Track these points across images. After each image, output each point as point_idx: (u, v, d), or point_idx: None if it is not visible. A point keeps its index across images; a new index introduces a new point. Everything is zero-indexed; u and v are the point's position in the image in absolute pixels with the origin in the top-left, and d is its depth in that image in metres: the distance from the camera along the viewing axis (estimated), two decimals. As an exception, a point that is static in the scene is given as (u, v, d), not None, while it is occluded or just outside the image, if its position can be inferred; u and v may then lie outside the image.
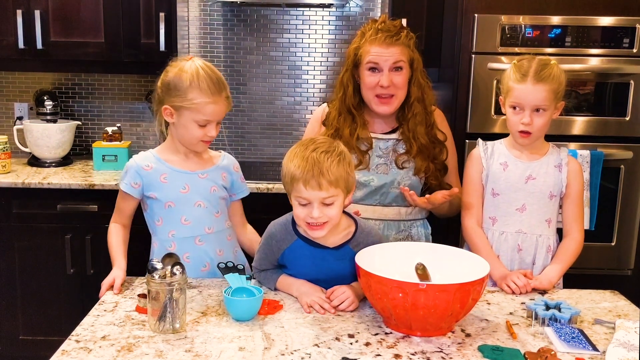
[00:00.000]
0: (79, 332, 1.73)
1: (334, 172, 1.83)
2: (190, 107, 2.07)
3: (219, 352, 1.63)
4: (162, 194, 2.17)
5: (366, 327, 1.80)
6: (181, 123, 2.11)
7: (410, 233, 2.46)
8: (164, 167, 2.18)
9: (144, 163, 2.17)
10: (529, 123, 2.14)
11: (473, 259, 1.91)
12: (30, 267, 3.24)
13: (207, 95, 2.07)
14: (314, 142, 1.90)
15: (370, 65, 2.33)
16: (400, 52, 2.32)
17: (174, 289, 1.73)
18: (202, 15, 3.65)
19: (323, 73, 3.73)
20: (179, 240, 2.19)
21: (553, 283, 2.14)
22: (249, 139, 3.77)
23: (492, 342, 1.72)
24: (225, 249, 2.25)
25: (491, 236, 2.28)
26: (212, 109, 2.08)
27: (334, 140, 1.95)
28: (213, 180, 2.21)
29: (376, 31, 2.33)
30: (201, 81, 2.07)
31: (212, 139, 2.15)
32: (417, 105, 2.38)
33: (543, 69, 2.14)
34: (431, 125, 2.42)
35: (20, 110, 3.75)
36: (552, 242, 2.26)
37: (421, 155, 2.38)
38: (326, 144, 1.89)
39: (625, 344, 1.68)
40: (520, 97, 2.15)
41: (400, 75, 2.33)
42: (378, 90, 2.34)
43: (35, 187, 3.16)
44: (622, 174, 2.99)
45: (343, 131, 2.39)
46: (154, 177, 2.16)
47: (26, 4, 3.29)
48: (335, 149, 1.88)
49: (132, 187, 2.17)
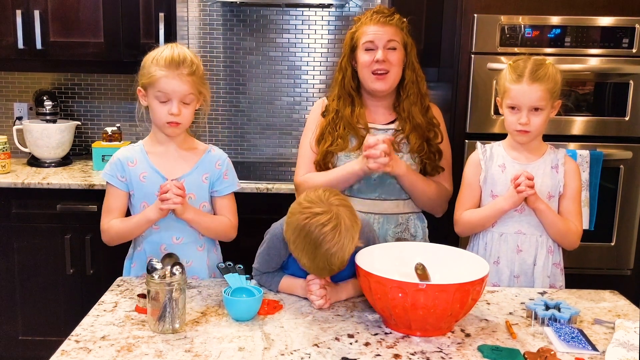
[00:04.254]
0: (78, 332, 1.73)
1: (342, 259, 1.79)
2: (149, 82, 2.11)
3: (218, 352, 1.63)
4: (139, 193, 2.19)
5: (366, 327, 1.80)
6: (149, 103, 2.15)
7: (407, 226, 2.47)
8: (145, 165, 2.18)
9: (130, 158, 2.19)
10: (526, 123, 2.16)
11: (472, 259, 1.91)
12: (30, 267, 3.23)
13: (162, 69, 2.09)
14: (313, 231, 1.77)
15: (366, 46, 2.39)
16: (394, 32, 2.39)
17: (174, 289, 1.73)
18: (202, 16, 3.65)
19: (322, 73, 3.73)
20: (149, 243, 2.20)
21: (536, 204, 2.18)
22: (249, 139, 3.77)
23: (492, 342, 1.72)
24: (196, 260, 2.22)
25: (490, 237, 2.28)
26: (166, 82, 2.09)
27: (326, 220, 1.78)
28: (191, 187, 2.18)
29: (371, 13, 2.43)
30: (160, 57, 2.11)
31: (179, 120, 2.12)
32: (411, 87, 2.44)
33: (538, 69, 2.16)
34: (426, 108, 2.46)
35: (20, 111, 3.75)
36: (552, 243, 2.26)
37: (415, 133, 2.41)
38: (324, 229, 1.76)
39: (624, 343, 1.68)
40: (517, 97, 2.16)
41: (394, 54, 2.39)
42: (374, 67, 2.38)
43: (35, 187, 3.16)
44: (622, 174, 2.98)
45: (344, 112, 2.43)
46: (135, 175, 2.18)
47: (26, 4, 3.29)
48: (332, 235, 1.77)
49: (119, 179, 2.18)
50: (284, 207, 2.05)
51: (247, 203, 2.41)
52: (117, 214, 2.19)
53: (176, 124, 2.13)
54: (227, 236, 2.28)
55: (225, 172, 2.26)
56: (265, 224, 2.07)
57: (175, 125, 2.14)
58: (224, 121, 3.75)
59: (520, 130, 2.19)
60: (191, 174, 2.20)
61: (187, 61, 2.11)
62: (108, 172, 2.19)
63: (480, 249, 2.30)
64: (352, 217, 1.80)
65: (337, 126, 2.43)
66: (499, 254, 2.27)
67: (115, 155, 2.21)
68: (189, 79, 2.11)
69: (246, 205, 2.38)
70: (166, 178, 2.15)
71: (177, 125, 2.14)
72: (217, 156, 2.27)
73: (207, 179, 2.22)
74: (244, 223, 2.36)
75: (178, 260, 1.83)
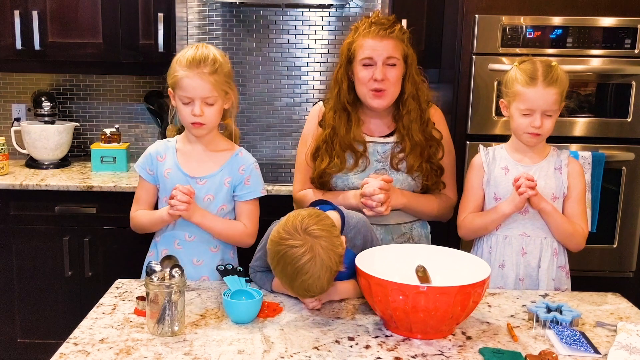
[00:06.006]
0: (77, 335, 1.72)
1: (321, 286, 1.79)
2: (173, 82, 2.13)
3: (218, 355, 1.62)
4: (163, 187, 2.23)
5: (366, 329, 1.79)
6: (176, 104, 2.16)
7: (411, 235, 2.44)
8: (171, 162, 2.21)
9: (160, 153, 2.24)
10: (540, 126, 2.14)
11: (473, 261, 1.90)
12: (28, 270, 3.22)
13: (183, 68, 2.10)
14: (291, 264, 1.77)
15: (364, 62, 2.30)
16: (393, 46, 2.30)
17: (173, 292, 1.72)
18: (201, 16, 3.64)
19: (322, 74, 3.72)
20: (165, 237, 2.25)
21: (541, 206, 2.16)
22: (248, 140, 3.76)
23: (493, 344, 1.71)
24: (207, 260, 2.22)
25: (495, 240, 2.27)
26: (187, 82, 2.09)
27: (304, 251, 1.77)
28: (211, 189, 2.20)
29: (369, 24, 2.31)
30: (183, 57, 2.12)
31: (203, 121, 2.12)
32: (411, 102, 2.36)
33: (550, 71, 2.13)
34: (426, 123, 2.40)
35: (18, 112, 3.74)
36: (557, 245, 2.25)
37: (414, 152, 2.36)
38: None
39: (627, 346, 1.68)
40: (532, 101, 2.13)
41: (393, 71, 2.31)
42: (372, 85, 2.30)
43: (33, 188, 3.15)
44: (624, 175, 2.97)
45: (339, 129, 2.37)
46: (161, 169, 2.22)
47: (24, 4, 3.28)
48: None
49: (148, 173, 2.23)
50: (283, 209, 2.04)
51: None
52: (144, 205, 2.27)
53: (200, 124, 2.14)
54: (242, 242, 2.26)
55: (248, 177, 2.24)
56: (265, 225, 2.06)
57: (199, 125, 2.14)
58: (224, 122, 3.73)
59: (532, 133, 2.17)
60: (215, 176, 2.21)
61: (209, 60, 2.10)
62: (140, 164, 2.26)
63: (485, 253, 2.29)
64: (329, 247, 1.77)
65: (334, 144, 2.37)
66: (503, 257, 2.25)
67: (149, 148, 2.28)
68: (211, 78, 2.10)
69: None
70: (188, 176, 2.19)
71: (201, 125, 2.14)
72: (243, 161, 2.25)
73: (230, 183, 2.22)
74: (244, 225, 2.35)
75: (177, 262, 1.82)
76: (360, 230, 2.02)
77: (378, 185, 2.21)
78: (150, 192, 2.26)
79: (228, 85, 2.17)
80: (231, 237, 2.23)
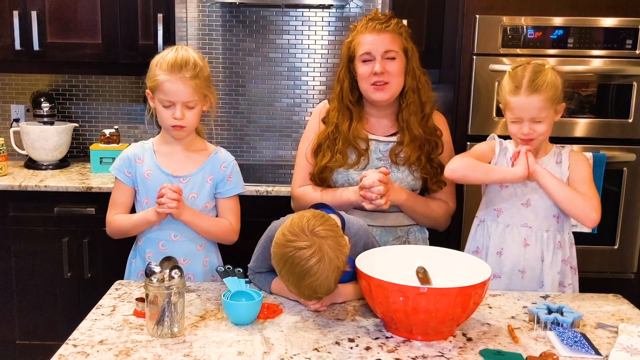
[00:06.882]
0: (76, 337, 1.71)
1: (328, 287, 1.78)
2: (154, 85, 2.14)
3: (217, 356, 1.62)
4: (142, 189, 2.23)
5: (366, 331, 1.79)
6: (156, 106, 2.18)
7: (408, 239, 2.44)
8: (151, 163, 2.22)
9: (138, 155, 2.24)
10: (528, 133, 2.14)
11: (474, 262, 1.90)
12: (27, 271, 3.22)
13: (165, 72, 2.11)
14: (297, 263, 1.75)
15: (364, 57, 2.33)
16: (391, 39, 2.32)
17: (172, 293, 1.71)
18: (201, 16, 3.64)
19: (323, 74, 3.72)
20: (148, 239, 2.25)
21: (537, 171, 2.14)
22: (248, 141, 3.76)
23: (494, 346, 1.71)
24: (193, 259, 2.24)
25: (496, 228, 2.26)
26: (169, 87, 2.11)
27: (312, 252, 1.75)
28: (194, 187, 2.23)
29: (367, 21, 2.36)
30: (163, 61, 2.13)
31: (183, 124, 2.15)
32: (411, 95, 2.37)
33: (536, 78, 2.12)
34: (426, 117, 2.41)
35: (17, 112, 3.74)
36: (562, 238, 2.23)
37: (412, 145, 2.37)
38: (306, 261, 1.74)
39: (628, 348, 1.68)
40: (516, 110, 2.15)
41: (393, 64, 2.33)
42: (373, 79, 2.33)
43: (32, 189, 3.14)
44: (625, 176, 2.97)
45: (342, 127, 2.39)
46: (140, 171, 2.22)
47: (23, 5, 3.28)
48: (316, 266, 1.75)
49: (126, 175, 2.23)
50: (283, 210, 2.04)
51: (247, 206, 2.40)
52: (121, 208, 2.26)
53: (180, 127, 2.17)
54: (227, 239, 2.30)
55: (230, 174, 2.28)
56: (265, 226, 2.06)
57: (179, 128, 2.17)
58: (223, 123, 3.73)
59: (523, 139, 2.17)
60: (196, 175, 2.24)
61: (190, 64, 2.13)
62: (116, 167, 2.25)
63: (485, 239, 2.28)
64: (336, 247, 1.77)
65: (336, 140, 2.39)
66: (502, 246, 2.25)
67: (125, 151, 2.27)
68: (192, 82, 2.12)
69: (245, 207, 2.37)
70: (170, 175, 2.20)
71: (182, 128, 2.17)
72: (223, 158, 2.30)
73: (212, 180, 2.25)
74: (244, 226, 2.35)
75: (177, 263, 1.82)
76: (362, 237, 2.01)
77: (377, 177, 2.21)
78: (127, 194, 2.26)
79: (208, 89, 2.21)
80: (219, 234, 2.27)
